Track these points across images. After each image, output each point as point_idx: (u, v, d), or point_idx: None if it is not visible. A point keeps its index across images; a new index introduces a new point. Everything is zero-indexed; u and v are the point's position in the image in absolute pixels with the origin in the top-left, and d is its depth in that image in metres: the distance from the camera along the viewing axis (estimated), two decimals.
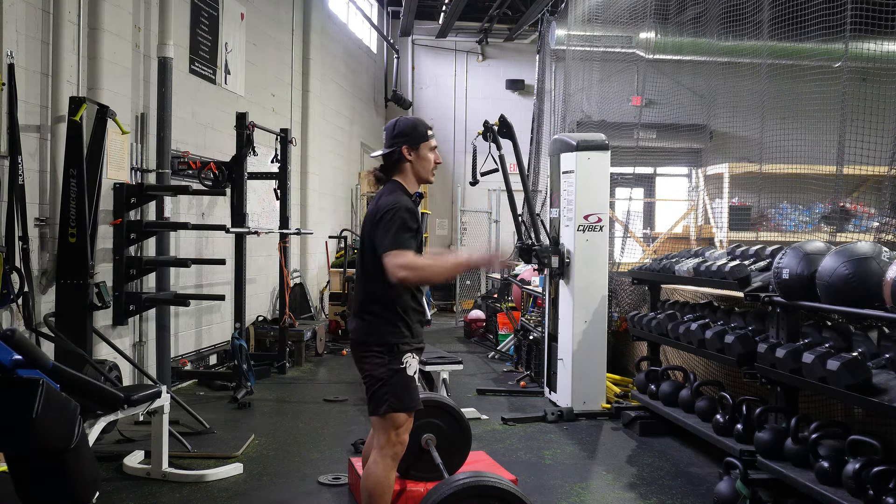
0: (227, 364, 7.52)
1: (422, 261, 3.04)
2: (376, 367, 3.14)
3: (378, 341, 3.14)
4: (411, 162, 3.23)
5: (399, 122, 3.29)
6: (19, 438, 2.95)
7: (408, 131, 3.23)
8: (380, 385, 3.13)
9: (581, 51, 10.56)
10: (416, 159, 3.23)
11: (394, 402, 3.11)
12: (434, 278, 3.11)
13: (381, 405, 3.13)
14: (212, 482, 4.38)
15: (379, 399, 3.14)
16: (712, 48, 8.45)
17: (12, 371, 3.00)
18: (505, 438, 5.47)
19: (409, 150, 3.21)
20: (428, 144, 3.26)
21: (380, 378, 3.13)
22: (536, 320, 7.80)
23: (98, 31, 5.53)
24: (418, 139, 3.23)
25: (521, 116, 11.67)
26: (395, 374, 3.12)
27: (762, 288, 4.34)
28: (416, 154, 3.23)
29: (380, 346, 3.14)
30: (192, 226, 6.12)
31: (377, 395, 3.15)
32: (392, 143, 3.24)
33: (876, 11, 5.76)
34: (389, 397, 3.11)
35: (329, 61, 11.46)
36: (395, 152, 3.22)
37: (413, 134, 3.23)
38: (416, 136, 3.23)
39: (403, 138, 3.22)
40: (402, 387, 3.13)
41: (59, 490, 3.10)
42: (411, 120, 3.33)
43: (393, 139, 3.24)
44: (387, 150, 3.26)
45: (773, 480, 3.99)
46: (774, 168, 7.01)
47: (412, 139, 3.22)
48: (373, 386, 3.16)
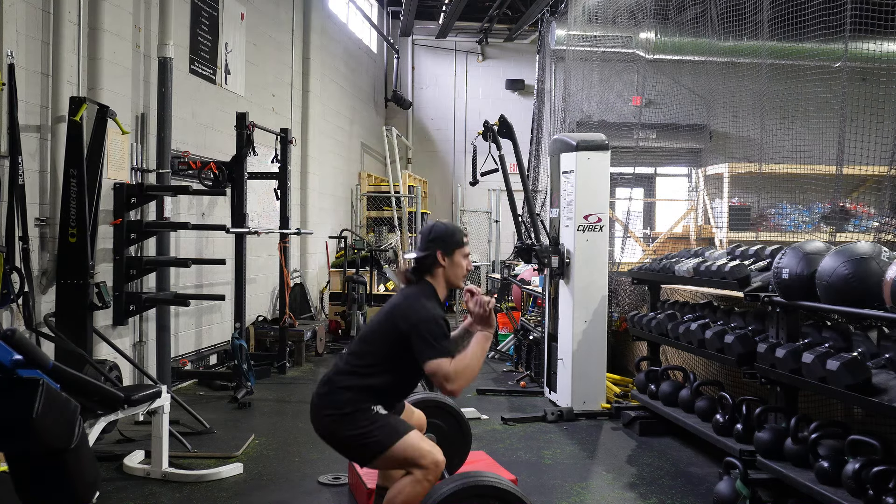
0: (227, 364, 7.52)
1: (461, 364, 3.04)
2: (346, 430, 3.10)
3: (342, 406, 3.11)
4: (444, 267, 3.30)
5: (435, 228, 3.38)
6: (19, 438, 2.95)
7: (444, 237, 3.32)
8: (359, 439, 3.08)
9: (581, 51, 10.55)
10: (449, 265, 3.30)
11: (383, 440, 3.06)
12: (479, 366, 3.12)
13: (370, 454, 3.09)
14: (212, 482, 4.38)
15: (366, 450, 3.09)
16: (712, 48, 8.45)
17: (12, 371, 3.00)
18: (505, 438, 5.47)
19: (444, 256, 3.29)
20: (462, 251, 3.33)
21: (356, 435, 3.08)
22: (536, 320, 7.80)
23: (98, 31, 5.54)
24: (453, 246, 3.31)
25: (521, 116, 11.67)
26: (369, 422, 3.08)
27: (762, 288, 4.34)
28: (450, 260, 3.30)
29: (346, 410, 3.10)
30: (192, 226, 6.12)
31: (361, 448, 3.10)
32: (427, 246, 3.31)
33: (876, 11, 5.76)
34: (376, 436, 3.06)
35: (329, 61, 11.46)
36: (430, 256, 3.29)
37: (449, 241, 3.31)
38: (452, 244, 3.31)
39: (439, 243, 3.30)
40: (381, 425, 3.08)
41: (59, 490, 3.10)
42: (448, 226, 3.40)
43: (429, 243, 3.32)
44: (422, 254, 3.32)
45: (773, 480, 3.99)
46: (774, 168, 7.01)
47: (447, 245, 3.30)
48: (352, 445, 3.12)
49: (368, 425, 3.08)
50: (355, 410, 3.10)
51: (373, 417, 3.10)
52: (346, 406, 3.11)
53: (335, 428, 3.14)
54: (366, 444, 3.09)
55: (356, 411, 3.10)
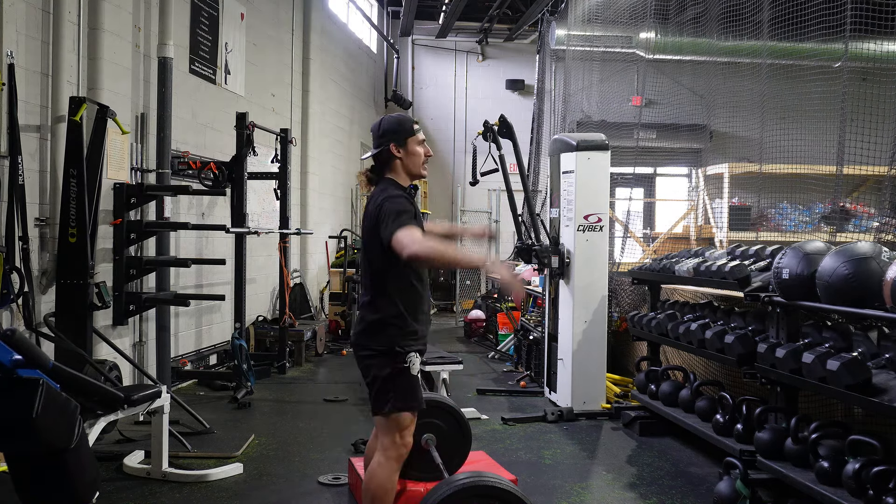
0: (227, 364, 7.52)
1: (432, 241, 3.00)
2: (380, 368, 3.13)
3: (380, 341, 3.13)
4: (400, 158, 3.24)
5: (383, 121, 3.31)
6: (19, 438, 2.96)
7: (393, 128, 3.26)
8: (383, 384, 3.12)
9: (581, 51, 10.55)
10: (404, 155, 3.25)
11: (398, 402, 3.11)
12: (443, 259, 2.97)
13: (384, 405, 3.12)
14: (212, 482, 4.38)
15: (383, 399, 3.13)
16: (712, 48, 8.45)
17: (12, 371, 3.00)
18: (505, 438, 5.47)
19: (397, 148, 3.23)
20: (415, 139, 3.27)
21: (384, 378, 3.12)
22: (536, 320, 7.80)
23: (98, 31, 5.53)
24: (404, 135, 3.25)
25: (521, 116, 11.66)
26: (400, 374, 3.11)
27: (762, 288, 4.34)
28: (405, 150, 3.24)
29: (382, 346, 3.13)
30: (192, 226, 6.12)
31: (381, 394, 3.14)
32: (379, 142, 3.26)
33: (876, 11, 5.76)
34: (393, 397, 3.11)
35: (329, 61, 11.46)
36: (384, 151, 3.24)
37: (399, 130, 3.25)
38: (402, 132, 3.25)
39: (390, 135, 3.24)
40: (406, 386, 3.13)
41: (59, 490, 3.10)
42: (395, 117, 3.34)
43: (380, 138, 3.26)
44: (375, 151, 3.28)
45: (773, 480, 3.99)
46: (774, 168, 7.01)
47: (398, 136, 3.24)
48: (376, 385, 3.15)
49: (396, 377, 3.10)
50: (392, 352, 3.11)
51: (403, 371, 3.10)
52: (382, 344, 3.13)
53: (380, 364, 3.14)
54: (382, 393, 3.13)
55: (391, 353, 3.11)
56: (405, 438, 3.17)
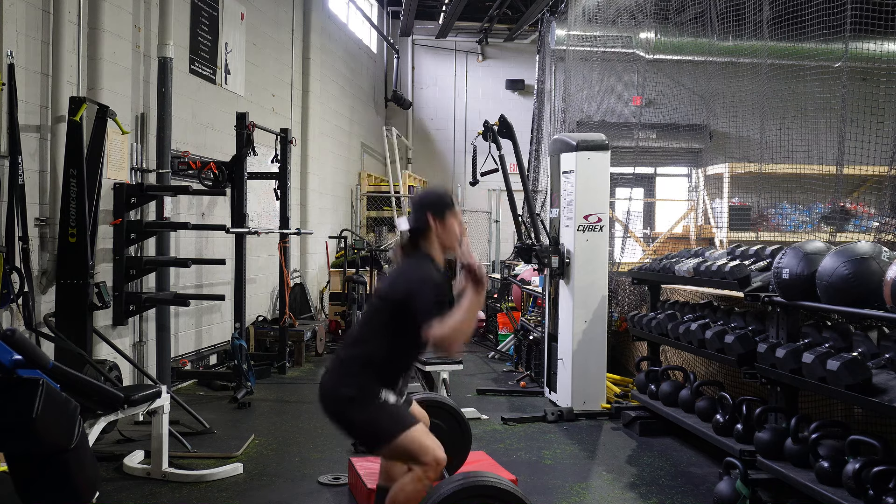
0: (227, 364, 7.52)
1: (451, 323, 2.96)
2: (354, 413, 3.08)
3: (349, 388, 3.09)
4: (437, 232, 3.26)
5: (425, 194, 3.39)
6: (19, 438, 2.96)
7: (434, 201, 3.30)
8: (365, 425, 3.08)
9: (581, 51, 10.56)
10: (441, 229, 3.26)
11: (391, 428, 3.05)
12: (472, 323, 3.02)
13: (377, 440, 3.08)
14: (212, 482, 4.38)
15: (373, 435, 3.09)
16: (712, 48, 8.45)
17: (12, 371, 3.00)
18: (505, 438, 5.47)
19: (435, 220, 3.25)
20: (453, 214, 3.30)
21: (363, 420, 3.08)
22: (536, 320, 7.80)
23: (98, 31, 5.53)
24: (444, 208, 3.28)
25: (521, 116, 11.66)
26: (377, 408, 3.06)
27: (762, 288, 4.34)
28: (442, 224, 3.26)
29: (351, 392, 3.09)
30: (192, 226, 6.12)
31: (368, 434, 3.10)
32: (418, 214, 3.29)
33: (876, 11, 5.76)
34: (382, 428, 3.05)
35: (329, 61, 11.46)
36: (422, 221, 3.27)
37: (439, 203, 3.28)
38: (442, 206, 3.28)
39: (430, 208, 3.27)
40: (389, 414, 3.07)
41: (59, 490, 3.11)
42: (436, 191, 3.40)
43: (419, 210, 3.29)
44: (414, 223, 3.30)
45: (773, 480, 3.99)
46: (774, 168, 7.01)
47: (438, 209, 3.27)
48: (358, 430, 3.13)
49: (376, 412, 3.07)
50: (363, 395, 3.08)
51: (381, 405, 3.08)
52: (354, 387, 3.10)
53: (343, 410, 3.12)
54: (373, 431, 3.08)
55: (364, 396, 3.08)
56: (429, 456, 3.05)
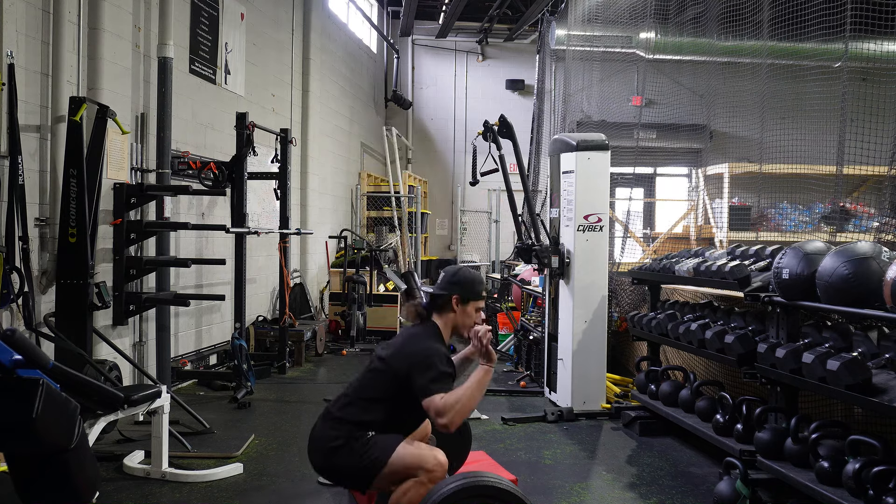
0: (227, 364, 7.52)
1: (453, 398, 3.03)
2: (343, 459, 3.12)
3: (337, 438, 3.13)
4: (455, 313, 3.31)
5: (461, 273, 3.40)
6: (19, 438, 2.95)
7: (465, 284, 3.34)
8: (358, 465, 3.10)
9: (581, 51, 10.56)
10: (460, 312, 3.32)
11: (380, 455, 3.07)
12: (475, 402, 3.11)
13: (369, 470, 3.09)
14: (212, 482, 4.38)
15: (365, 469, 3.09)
16: (712, 48, 8.45)
17: (12, 371, 3.00)
18: (505, 438, 5.47)
19: (458, 302, 3.30)
20: (477, 304, 3.34)
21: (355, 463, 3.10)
22: (536, 320, 7.80)
23: (98, 31, 5.53)
24: (471, 296, 3.32)
25: (521, 116, 11.67)
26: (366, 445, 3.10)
27: (762, 288, 4.34)
28: (463, 308, 3.31)
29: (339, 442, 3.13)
30: (192, 226, 6.12)
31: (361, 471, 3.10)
32: (447, 287, 3.33)
33: (876, 11, 5.76)
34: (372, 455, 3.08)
35: (329, 61, 11.46)
36: (446, 298, 3.31)
37: (469, 289, 3.33)
38: (471, 293, 3.33)
39: (458, 288, 3.31)
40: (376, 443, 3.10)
41: (59, 490, 3.10)
42: (474, 276, 3.42)
43: (450, 285, 3.33)
44: (439, 293, 3.34)
45: (773, 480, 3.99)
46: (774, 168, 7.01)
47: (465, 293, 3.31)
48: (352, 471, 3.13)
49: (362, 448, 3.10)
50: (351, 440, 3.12)
51: (367, 441, 3.11)
52: (341, 438, 3.13)
53: (332, 459, 3.15)
54: (364, 466, 3.10)
55: (352, 441, 3.12)
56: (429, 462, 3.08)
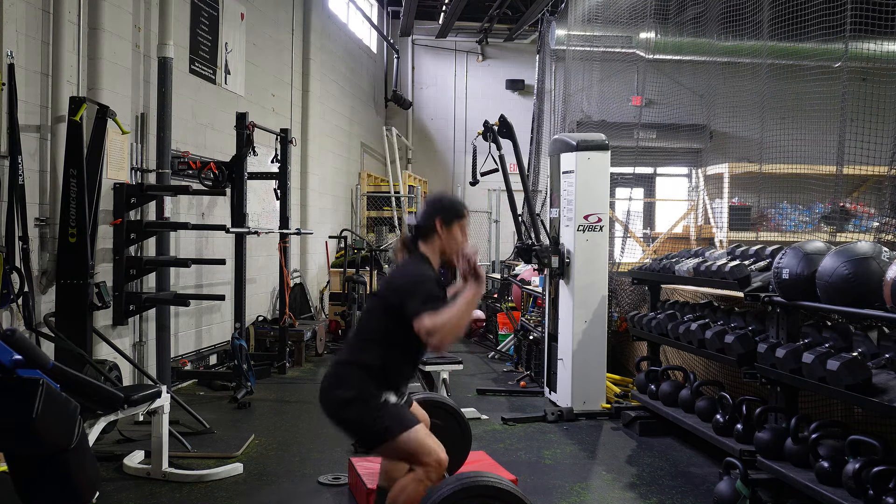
0: (227, 364, 7.52)
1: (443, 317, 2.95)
2: (355, 415, 3.09)
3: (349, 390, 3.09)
4: (441, 237, 3.26)
5: (440, 197, 3.38)
6: (19, 438, 2.95)
7: (447, 207, 3.30)
8: (367, 426, 3.08)
9: (581, 51, 10.56)
10: (446, 236, 3.26)
11: (392, 426, 3.04)
12: (464, 322, 3.03)
13: (378, 439, 3.07)
14: (212, 482, 4.38)
15: (374, 435, 3.08)
16: (712, 48, 8.45)
17: (12, 371, 3.00)
18: (505, 438, 5.47)
19: (443, 226, 3.26)
20: (461, 225, 3.30)
21: (364, 421, 3.08)
22: (536, 320, 7.80)
23: (98, 31, 5.53)
24: (454, 217, 3.28)
25: (521, 116, 11.66)
26: (378, 409, 3.06)
27: (762, 288, 4.34)
28: (448, 231, 3.27)
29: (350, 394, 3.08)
30: (192, 226, 6.12)
31: (369, 433, 3.09)
32: (428, 213, 3.30)
33: (876, 11, 5.76)
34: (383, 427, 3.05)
35: (329, 61, 11.46)
36: (430, 224, 3.27)
37: (451, 211, 3.29)
38: (453, 215, 3.28)
39: (441, 212, 3.27)
40: (391, 414, 3.07)
41: (59, 490, 3.10)
42: (453, 199, 3.39)
43: (431, 210, 3.30)
44: (422, 221, 3.31)
45: (773, 480, 3.99)
46: (774, 168, 7.02)
47: (448, 215, 3.27)
48: (359, 430, 3.12)
49: (376, 412, 3.07)
50: (363, 396, 3.08)
51: (381, 405, 3.08)
52: (352, 388, 3.10)
53: (343, 410, 3.12)
54: (374, 429, 3.07)
55: (365, 397, 3.08)
56: (431, 456, 3.05)
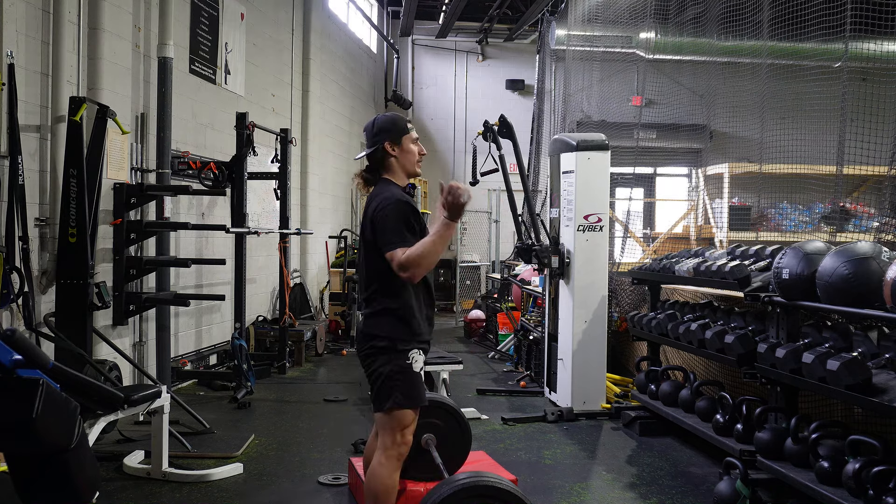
0: (227, 364, 7.52)
1: (416, 251, 2.98)
2: (382, 364, 3.12)
3: (382, 338, 3.13)
4: (396, 157, 3.25)
5: (377, 120, 3.32)
6: (19, 438, 2.95)
7: (388, 126, 3.26)
8: (385, 381, 3.11)
9: (581, 51, 10.56)
10: (400, 153, 3.25)
11: (400, 399, 3.09)
12: (436, 256, 3.02)
13: (386, 401, 3.11)
14: (212, 482, 4.38)
15: (385, 396, 3.11)
16: (712, 48, 8.45)
17: (12, 371, 3.00)
18: (505, 438, 5.47)
19: (392, 146, 3.23)
20: (409, 137, 3.28)
21: (386, 375, 3.11)
22: (536, 320, 7.80)
23: (98, 31, 5.53)
24: (399, 133, 3.25)
25: (521, 116, 11.66)
26: (402, 371, 3.10)
27: (762, 288, 4.34)
28: (400, 148, 3.25)
29: (383, 343, 3.12)
30: (192, 226, 6.12)
31: (383, 391, 3.12)
32: (374, 141, 3.27)
33: (876, 11, 5.76)
34: (396, 393, 3.09)
35: (329, 61, 11.46)
36: (379, 149, 3.25)
37: (393, 129, 3.25)
38: (397, 131, 3.25)
39: (385, 134, 3.24)
40: (409, 383, 3.11)
41: (59, 490, 3.10)
42: (389, 115, 3.36)
43: (374, 137, 3.26)
44: (370, 150, 3.28)
45: (773, 480, 3.99)
46: (774, 168, 7.01)
47: (393, 134, 3.24)
48: (378, 382, 3.14)
49: (399, 375, 3.10)
50: (393, 350, 3.11)
51: (406, 369, 3.11)
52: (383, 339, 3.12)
53: (373, 356, 3.15)
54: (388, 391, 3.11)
55: (394, 352, 3.11)
56: (406, 437, 3.16)
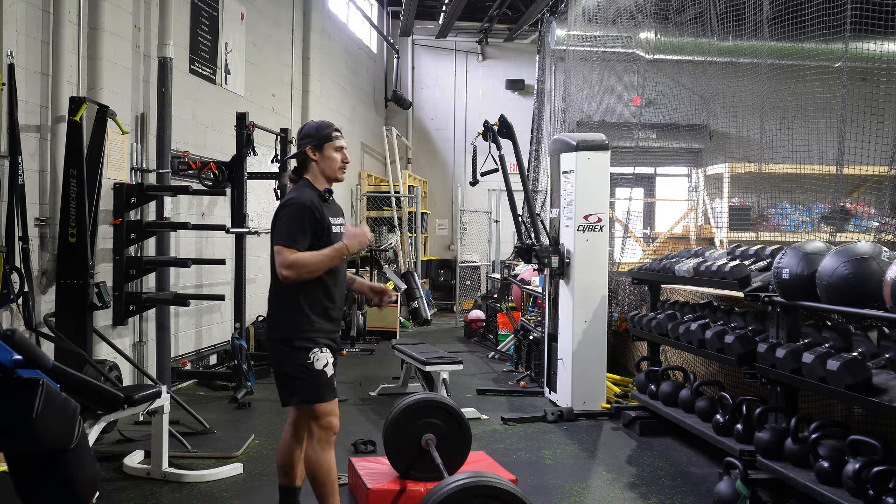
0: (227, 364, 7.51)
1: (303, 258, 3.19)
2: (282, 360, 3.30)
3: (280, 336, 3.29)
4: (316, 161, 3.42)
5: (306, 126, 3.53)
6: (19, 438, 2.95)
7: (312, 133, 3.45)
8: (288, 380, 3.30)
9: (581, 51, 10.56)
10: (320, 159, 3.43)
11: (306, 395, 3.27)
12: (320, 270, 3.24)
13: (291, 398, 3.31)
14: (212, 482, 4.39)
15: (289, 392, 3.32)
16: (712, 48, 8.45)
17: (12, 371, 3.00)
18: (505, 438, 5.47)
19: (314, 151, 3.41)
20: (332, 145, 3.44)
21: (287, 374, 3.29)
22: (536, 320, 7.80)
23: (98, 31, 5.53)
24: (321, 140, 3.42)
25: (521, 116, 11.66)
26: (304, 371, 3.25)
27: (762, 288, 4.34)
28: (321, 154, 3.42)
29: (279, 335, 3.29)
30: (192, 226, 6.12)
31: (286, 388, 3.32)
32: (299, 145, 3.47)
33: (876, 11, 5.76)
34: (301, 391, 3.27)
35: (329, 61, 11.46)
36: (301, 153, 3.44)
37: (316, 135, 3.43)
38: (320, 137, 3.43)
39: (308, 139, 3.43)
40: (311, 382, 3.26)
41: (59, 490, 3.10)
42: (316, 123, 3.54)
43: (300, 141, 3.46)
44: (294, 153, 3.50)
45: (773, 480, 3.99)
46: (774, 168, 7.01)
47: (315, 140, 3.42)
48: (280, 379, 3.34)
49: (301, 374, 3.25)
50: (292, 347, 3.25)
51: (308, 367, 3.24)
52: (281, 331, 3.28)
53: (281, 359, 3.31)
54: (292, 388, 3.30)
55: (293, 350, 3.25)
56: (330, 423, 3.30)
